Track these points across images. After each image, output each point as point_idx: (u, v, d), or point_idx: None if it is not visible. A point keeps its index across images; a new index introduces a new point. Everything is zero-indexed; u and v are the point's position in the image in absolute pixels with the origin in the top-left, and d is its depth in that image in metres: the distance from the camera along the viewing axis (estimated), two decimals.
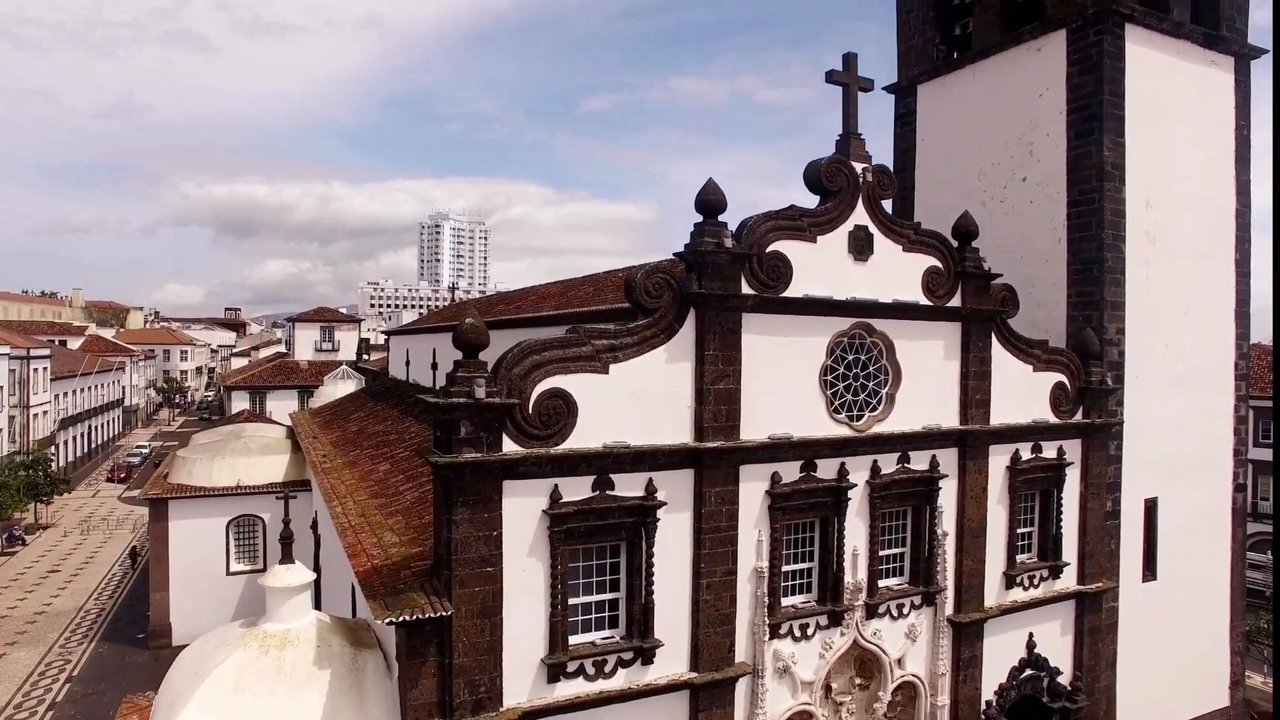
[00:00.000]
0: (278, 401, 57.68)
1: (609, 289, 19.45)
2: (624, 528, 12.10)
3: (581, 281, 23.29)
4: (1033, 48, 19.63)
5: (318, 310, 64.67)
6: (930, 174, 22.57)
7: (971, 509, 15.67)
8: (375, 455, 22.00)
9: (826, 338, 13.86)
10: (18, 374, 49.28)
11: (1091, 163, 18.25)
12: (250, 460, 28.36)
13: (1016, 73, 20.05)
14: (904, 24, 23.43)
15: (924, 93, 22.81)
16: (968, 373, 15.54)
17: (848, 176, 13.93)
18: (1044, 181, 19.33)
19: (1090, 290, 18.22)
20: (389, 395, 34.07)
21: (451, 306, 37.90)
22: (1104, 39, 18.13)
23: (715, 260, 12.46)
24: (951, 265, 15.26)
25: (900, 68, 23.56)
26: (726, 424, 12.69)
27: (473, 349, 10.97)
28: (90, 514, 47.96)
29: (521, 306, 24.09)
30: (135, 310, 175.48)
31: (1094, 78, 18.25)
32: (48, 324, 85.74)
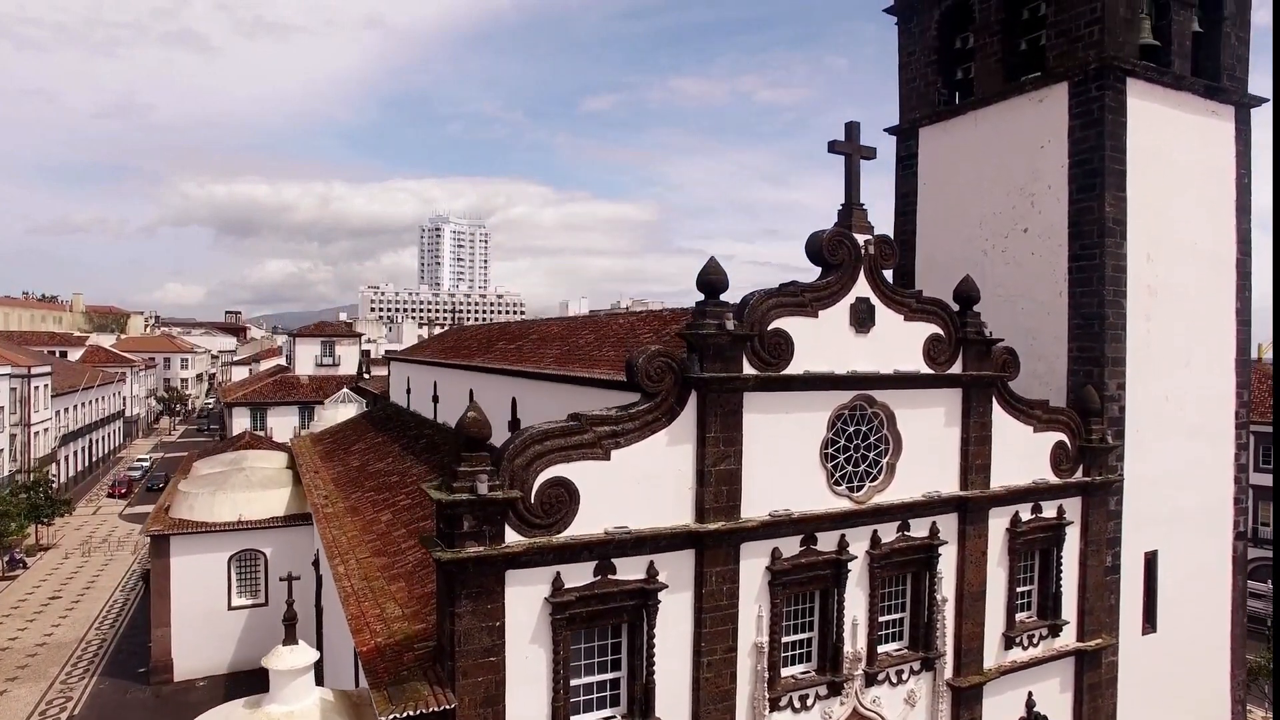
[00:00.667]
0: (278, 418, 57.78)
1: (609, 341, 19.48)
2: (626, 610, 12.14)
3: (583, 325, 23.31)
4: (1034, 98, 19.64)
5: (318, 325, 64.76)
6: (931, 218, 22.59)
7: (971, 573, 15.70)
8: (377, 501, 22.03)
9: (828, 412, 13.89)
10: (18, 393, 49.32)
11: (1093, 218, 18.27)
12: (251, 494, 28.39)
13: (1018, 122, 20.07)
14: (905, 65, 23.43)
15: (925, 135, 22.83)
16: (968, 438, 15.57)
17: (849, 249, 13.96)
18: (1045, 234, 19.35)
19: (1091, 346, 18.24)
20: (390, 424, 34.12)
21: (453, 331, 37.92)
22: (1106, 94, 18.15)
23: (717, 342, 12.49)
24: (953, 332, 15.29)
25: (901, 109, 23.56)
26: (727, 504, 12.73)
27: (475, 444, 10.99)
28: (91, 533, 48.03)
29: (523, 347, 24.11)
30: (135, 315, 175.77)
31: (1096, 132, 18.27)
32: (48, 334, 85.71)
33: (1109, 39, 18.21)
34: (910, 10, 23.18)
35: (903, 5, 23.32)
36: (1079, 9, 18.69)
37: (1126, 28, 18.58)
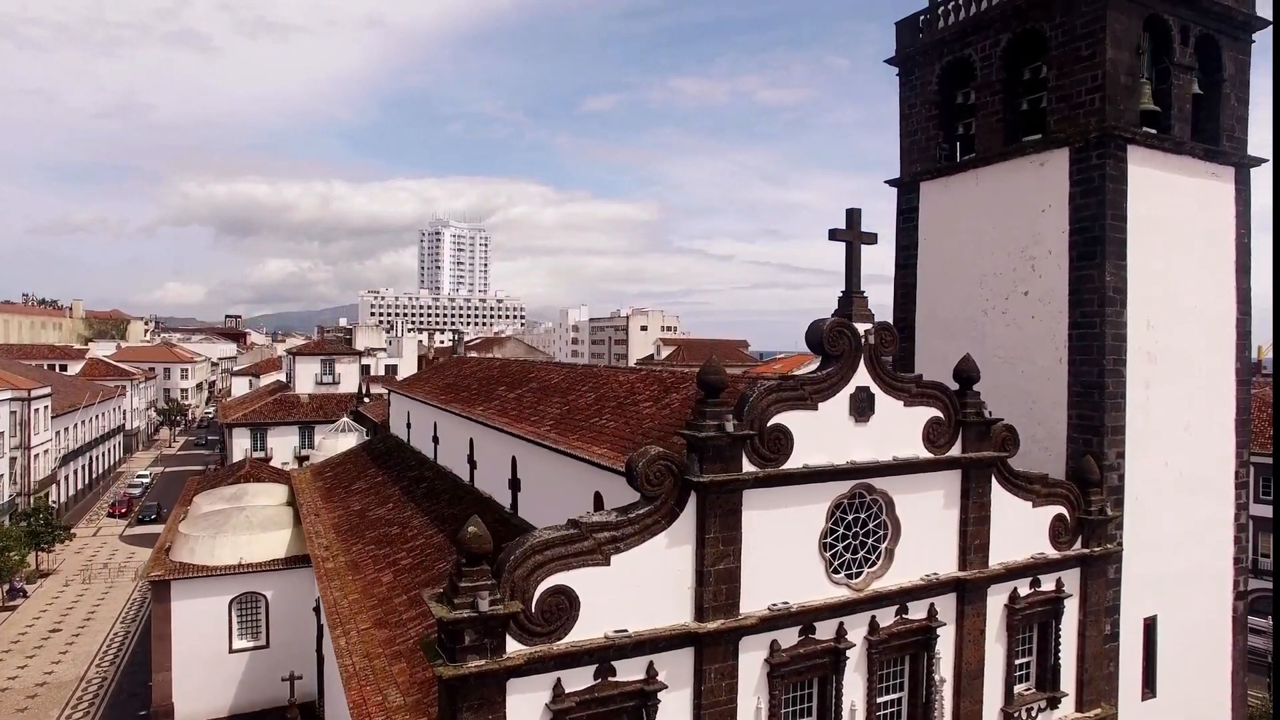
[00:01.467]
0: (279, 438, 57.83)
1: (609, 405, 19.46)
2: (625, 711, 12.15)
3: (583, 379, 23.29)
4: (1036, 161, 19.65)
5: (318, 342, 64.79)
6: (932, 273, 22.61)
7: (969, 652, 15.73)
8: (378, 557, 22.05)
9: (826, 503, 13.91)
10: (19, 415, 49.35)
11: (1093, 286, 18.28)
12: (252, 536, 28.42)
13: (1019, 184, 20.08)
14: (906, 117, 23.44)
15: (926, 189, 22.84)
16: (967, 519, 15.60)
17: (850, 339, 13.98)
18: (1045, 298, 19.36)
19: (1091, 415, 18.26)
20: (391, 459, 34.14)
21: (453, 363, 37.89)
22: (1107, 163, 18.16)
23: (716, 443, 12.50)
24: (952, 414, 15.30)
25: (903, 161, 23.57)
26: (726, 602, 12.75)
27: (476, 558, 11.00)
28: (92, 556, 48.07)
29: (523, 398, 24.09)
30: (135, 321, 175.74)
31: (1097, 200, 18.28)
32: (48, 347, 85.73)
33: (1110, 107, 18.22)
34: (911, 63, 23.19)
35: (903, 58, 23.34)
36: (1080, 76, 18.70)
37: (1127, 95, 18.59)
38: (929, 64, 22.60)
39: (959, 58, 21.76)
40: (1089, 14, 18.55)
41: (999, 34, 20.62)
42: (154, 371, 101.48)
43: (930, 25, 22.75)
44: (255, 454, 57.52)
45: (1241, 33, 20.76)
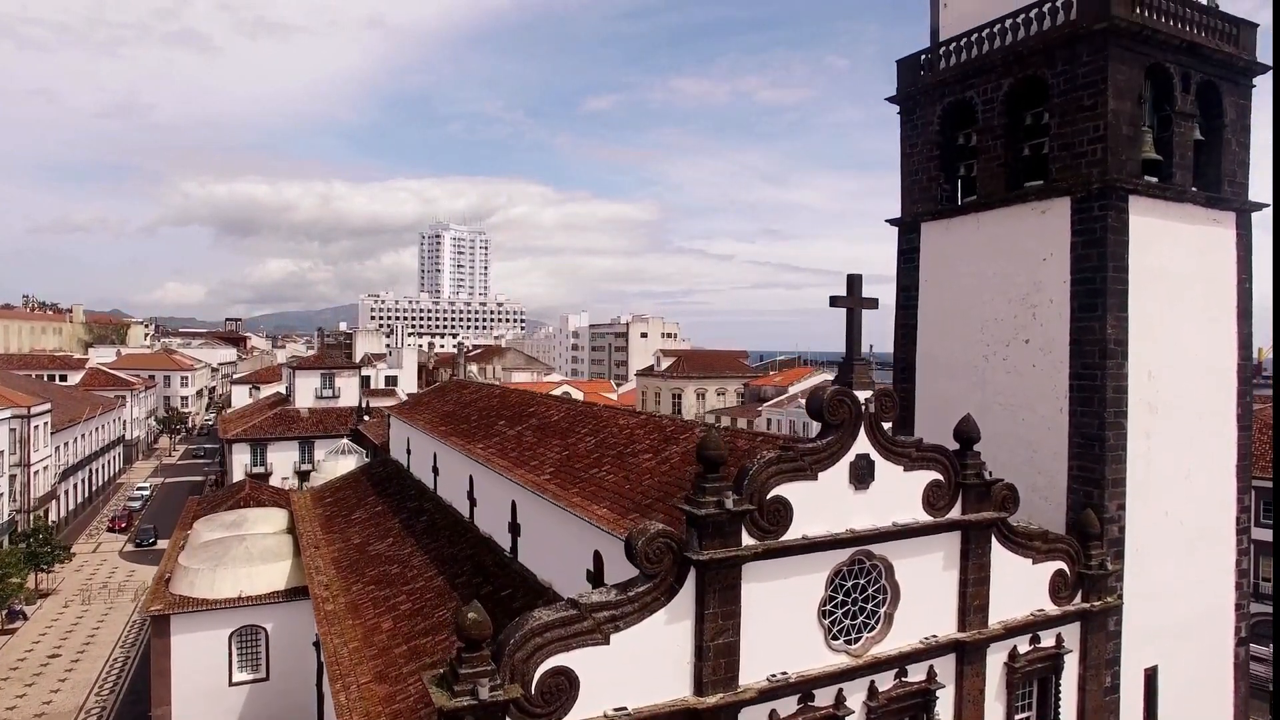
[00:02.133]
0: (279, 453, 57.84)
1: (609, 454, 19.41)
2: None
3: (583, 419, 23.26)
4: (1037, 209, 19.62)
5: (318, 356, 64.74)
6: (933, 314, 22.56)
7: (969, 712, 15.69)
8: (378, 600, 22.03)
9: (826, 571, 13.88)
10: (18, 433, 49.35)
11: (1094, 338, 18.24)
12: (252, 569, 28.39)
13: (1021, 231, 20.03)
14: (908, 156, 23.39)
15: (927, 230, 22.79)
16: (967, 580, 15.56)
17: (850, 408, 13.95)
18: (1046, 348, 19.32)
19: (1092, 467, 18.22)
20: (390, 486, 34.12)
21: (452, 387, 37.84)
22: (1108, 214, 18.12)
23: (716, 520, 12.48)
24: (953, 476, 15.27)
25: (904, 201, 23.52)
26: (725, 675, 12.72)
27: (475, 644, 10.97)
28: (92, 575, 48.06)
29: (523, 436, 24.05)
30: (135, 325, 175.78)
31: (1098, 252, 18.24)
32: (48, 357, 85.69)
33: (1112, 158, 18.18)
34: (912, 102, 23.14)
35: (905, 97, 23.29)
36: (1082, 125, 18.65)
37: (1129, 145, 18.55)
38: (930, 104, 22.55)
39: (960, 100, 21.70)
40: (1091, 64, 18.51)
41: (1001, 78, 20.57)
42: (153, 379, 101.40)
43: (932, 65, 22.70)
44: (255, 469, 57.59)
45: (1242, 78, 20.72)
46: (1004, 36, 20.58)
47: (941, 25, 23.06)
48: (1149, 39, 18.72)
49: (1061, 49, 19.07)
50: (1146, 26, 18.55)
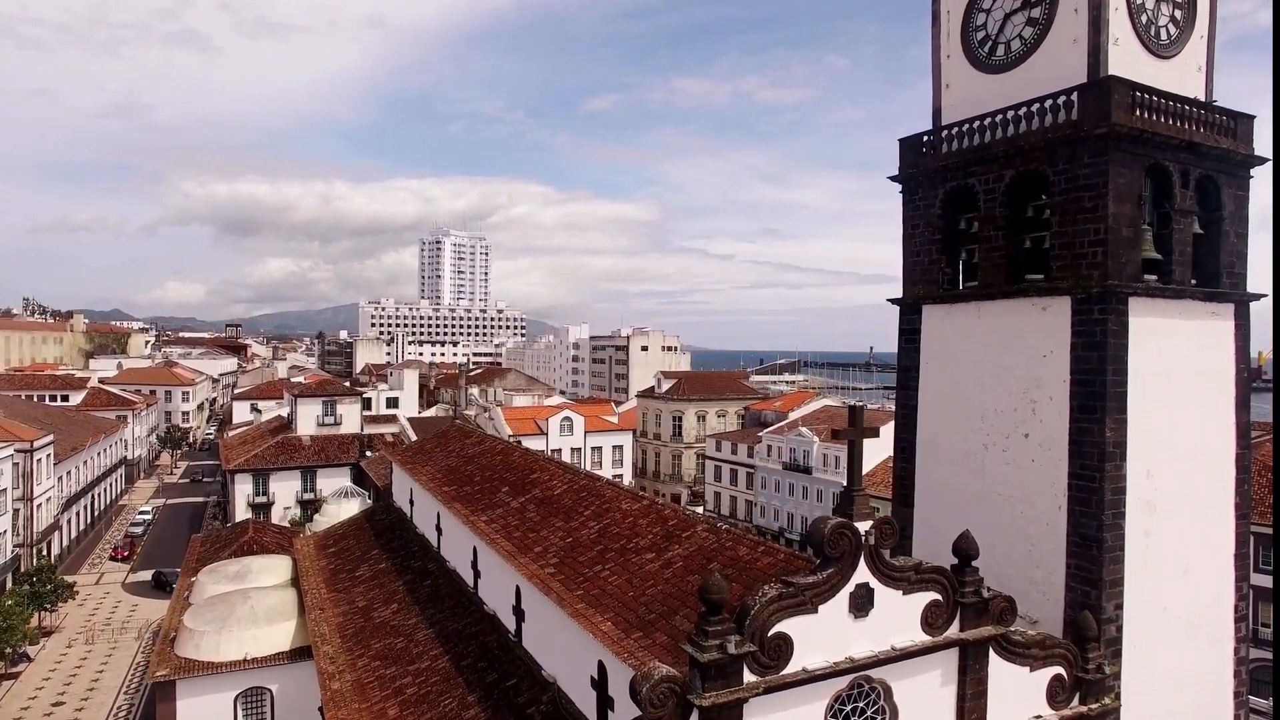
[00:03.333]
0: (281, 483, 58.04)
1: (613, 546, 19.59)
2: None
3: (587, 497, 23.42)
4: (1038, 305, 19.77)
5: (320, 383, 64.89)
6: (933, 398, 22.72)
7: None
8: (383, 679, 22.21)
9: (825, 700, 14.06)
10: (21, 467, 49.52)
11: (1093, 440, 18.41)
12: (258, 630, 28.60)
13: (1021, 325, 20.19)
14: (909, 237, 23.54)
15: (929, 313, 22.94)
16: (964, 695, 15.72)
17: (850, 539, 14.12)
18: (1046, 444, 19.48)
19: (1089, 568, 18.39)
20: (394, 538, 34.29)
21: (455, 436, 37.95)
22: (1109, 318, 18.29)
23: (719, 663, 12.66)
24: (951, 595, 15.43)
25: (905, 281, 23.68)
26: None
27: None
28: (95, 609, 48.26)
29: (526, 511, 24.22)
30: (136, 334, 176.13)
31: (1097, 355, 18.41)
32: (50, 377, 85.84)
33: (1111, 261, 18.34)
34: (915, 183, 23.28)
35: (907, 177, 23.43)
36: (1082, 226, 18.81)
37: (1129, 247, 18.71)
38: (932, 187, 22.70)
39: (962, 185, 21.88)
40: (1092, 167, 18.68)
41: (1002, 169, 20.73)
42: (154, 395, 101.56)
43: (934, 147, 22.84)
44: (258, 498, 57.83)
45: (1240, 170, 20.89)
46: (1005, 128, 20.75)
47: (944, 106, 23.21)
48: (1149, 140, 18.90)
49: (1063, 148, 19.23)
50: (1146, 130, 18.74)
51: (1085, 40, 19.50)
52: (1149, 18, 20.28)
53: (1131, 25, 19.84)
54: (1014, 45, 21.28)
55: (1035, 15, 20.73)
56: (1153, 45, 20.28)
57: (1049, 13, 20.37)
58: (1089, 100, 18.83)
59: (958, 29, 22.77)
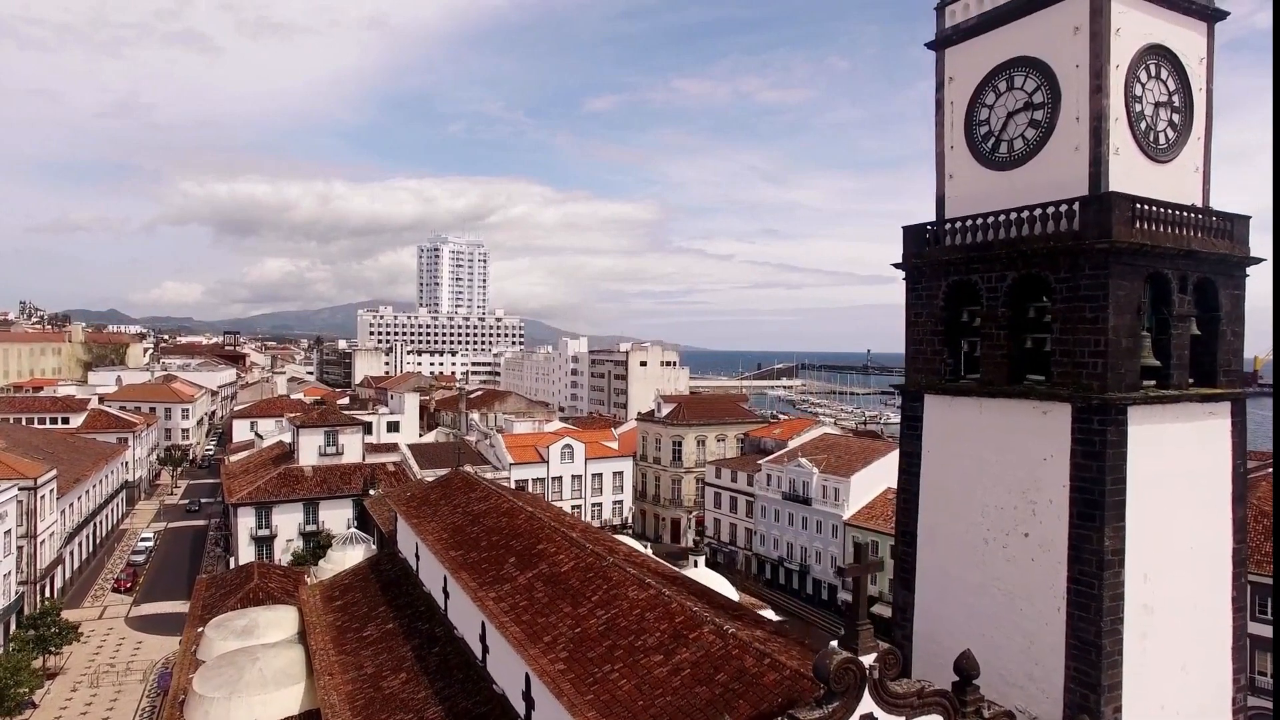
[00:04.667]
0: (284, 515, 58.32)
1: (622, 642, 19.95)
2: None
3: (595, 579, 23.78)
4: (1039, 408, 20.16)
5: (321, 413, 65.17)
6: (934, 487, 23.09)
7: None
8: None
9: None
10: (25, 505, 49.76)
11: (1092, 548, 18.81)
12: (267, 696, 28.91)
13: (1022, 425, 20.57)
14: (912, 324, 23.93)
15: (931, 402, 23.32)
16: None
17: (855, 674, 14.52)
18: (1045, 546, 19.88)
19: (1088, 672, 18.80)
20: (400, 594, 34.60)
21: (459, 487, 38.30)
22: (1108, 429, 18.70)
23: None
24: (953, 715, 15.85)
25: (908, 369, 24.08)
26: None
27: None
28: (99, 647, 48.52)
29: (534, 589, 24.56)
30: (135, 344, 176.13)
31: (1097, 465, 18.81)
32: (50, 399, 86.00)
33: (1111, 373, 18.75)
34: (918, 273, 23.67)
35: (911, 267, 23.83)
36: (1083, 336, 19.21)
37: (1129, 357, 19.13)
38: (935, 278, 23.10)
39: (965, 280, 22.27)
40: (1093, 279, 19.09)
41: (1005, 270, 21.14)
42: (154, 413, 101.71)
43: (937, 238, 23.23)
44: (260, 531, 58.11)
45: (1237, 270, 21.35)
46: (1008, 229, 21.15)
47: (947, 195, 23.62)
48: (1149, 252, 19.32)
49: (1064, 257, 19.65)
50: (1146, 244, 19.15)
51: (1086, 150, 19.92)
52: (1148, 124, 20.71)
53: (1131, 134, 20.26)
54: (1017, 144, 21.69)
55: (1037, 118, 21.15)
56: (1151, 151, 20.71)
57: (1050, 117, 20.79)
58: (1090, 214, 19.24)
59: (961, 121, 23.18)
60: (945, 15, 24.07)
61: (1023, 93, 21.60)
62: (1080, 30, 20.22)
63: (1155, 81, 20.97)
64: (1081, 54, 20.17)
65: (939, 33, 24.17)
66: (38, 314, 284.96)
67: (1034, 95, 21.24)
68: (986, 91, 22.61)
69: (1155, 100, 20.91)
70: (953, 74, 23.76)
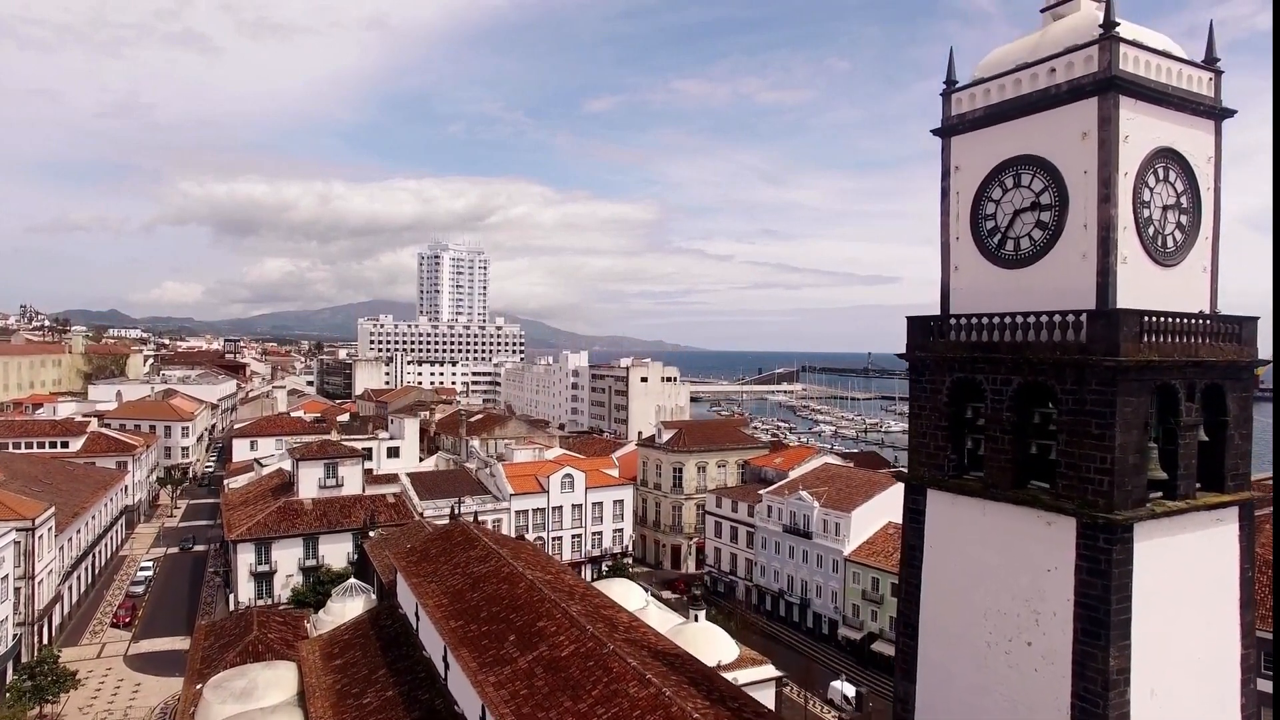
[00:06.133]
0: (283, 550, 58.21)
1: (623, 713, 19.83)
2: None
3: (595, 665, 23.60)
4: (1043, 519, 19.95)
5: (321, 445, 65.01)
6: (937, 585, 22.88)
7: None
8: None
9: None
10: (23, 545, 49.60)
11: (1097, 667, 18.61)
12: None
13: (1026, 534, 20.37)
14: (915, 417, 23.75)
15: (934, 497, 23.11)
16: None
17: None
18: (1048, 658, 19.68)
19: None
20: (400, 654, 34.44)
21: (459, 541, 38.14)
22: (1114, 549, 18.48)
23: None
24: None
25: (911, 460, 23.86)
26: None
27: None
28: (97, 690, 48.34)
29: (533, 672, 24.40)
30: (135, 354, 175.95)
31: (1102, 584, 18.59)
32: (49, 424, 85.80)
33: (1118, 492, 18.53)
34: (922, 366, 23.48)
35: (915, 359, 23.64)
36: (1089, 451, 19.00)
37: (1136, 473, 18.90)
38: (939, 373, 22.89)
39: (969, 379, 22.07)
40: (1099, 395, 18.88)
41: (1010, 374, 20.94)
42: (154, 431, 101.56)
43: (942, 331, 23.02)
44: (260, 567, 57.98)
45: (1245, 373, 21.15)
46: (1014, 332, 20.94)
47: (952, 287, 23.43)
48: (1156, 366, 19.13)
49: (1070, 369, 19.45)
50: (1154, 359, 18.96)
51: (1094, 259, 19.69)
52: (1156, 229, 20.50)
53: (1140, 240, 20.04)
54: (1023, 244, 21.45)
55: (1044, 219, 20.93)
56: (1159, 256, 20.50)
57: (1058, 220, 20.57)
58: (1097, 329, 19.03)
59: (967, 212, 22.97)
60: (951, 102, 23.88)
61: (1030, 191, 21.39)
62: (1089, 136, 20.01)
63: (1164, 185, 20.76)
64: (1090, 160, 19.95)
65: (945, 120, 23.98)
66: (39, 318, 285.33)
67: (1041, 196, 21.03)
68: (993, 186, 22.40)
69: (1164, 204, 20.70)
70: (959, 163, 23.54)
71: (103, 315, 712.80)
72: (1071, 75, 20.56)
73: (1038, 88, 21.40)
